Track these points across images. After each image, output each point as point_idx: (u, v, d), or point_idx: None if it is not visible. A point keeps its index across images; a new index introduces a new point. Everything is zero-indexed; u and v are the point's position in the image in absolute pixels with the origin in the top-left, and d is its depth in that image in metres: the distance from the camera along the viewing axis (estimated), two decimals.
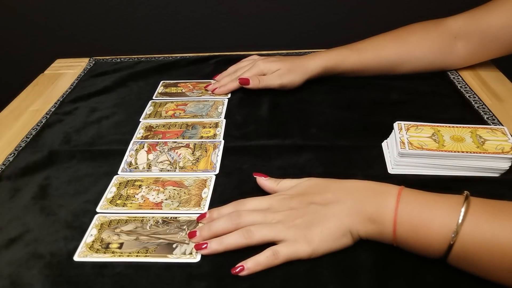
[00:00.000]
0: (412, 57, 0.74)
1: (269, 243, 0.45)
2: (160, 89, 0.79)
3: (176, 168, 0.58)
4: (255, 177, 0.53)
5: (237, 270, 0.43)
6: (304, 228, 0.44)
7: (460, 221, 0.38)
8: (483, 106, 0.67)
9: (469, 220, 0.38)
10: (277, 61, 0.75)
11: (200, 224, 0.49)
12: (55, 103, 0.77)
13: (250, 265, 0.43)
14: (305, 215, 0.45)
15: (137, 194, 0.54)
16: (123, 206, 0.53)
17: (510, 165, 0.52)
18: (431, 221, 0.40)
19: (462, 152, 0.52)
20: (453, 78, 0.76)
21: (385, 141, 0.60)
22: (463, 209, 0.39)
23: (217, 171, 0.57)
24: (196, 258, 0.45)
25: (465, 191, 0.41)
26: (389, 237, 0.43)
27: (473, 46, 0.72)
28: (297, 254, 0.43)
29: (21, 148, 0.65)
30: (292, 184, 0.50)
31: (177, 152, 0.61)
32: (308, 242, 0.43)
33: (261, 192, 0.53)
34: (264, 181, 0.52)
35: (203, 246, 0.45)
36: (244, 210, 0.48)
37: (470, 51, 0.73)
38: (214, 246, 0.45)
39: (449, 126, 0.57)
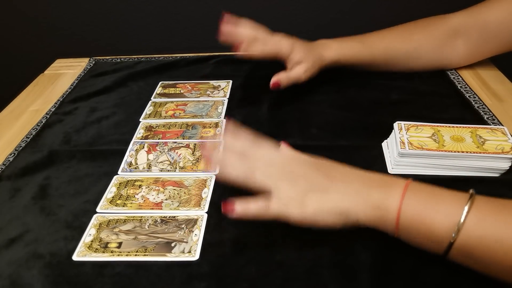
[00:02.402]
0: (417, 55, 0.74)
1: (265, 192, 0.44)
2: (158, 90, 0.79)
3: (176, 168, 0.58)
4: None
5: (227, 209, 0.44)
6: (303, 191, 0.43)
7: (464, 216, 0.38)
8: (483, 106, 0.67)
9: (473, 216, 0.38)
10: (299, 51, 0.69)
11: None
12: (55, 103, 0.77)
13: (240, 209, 0.44)
14: (309, 181, 0.44)
15: (137, 194, 0.54)
16: (123, 206, 0.53)
17: (510, 165, 0.52)
18: (436, 212, 0.40)
19: (462, 152, 0.52)
20: (453, 78, 0.76)
21: (385, 141, 0.60)
22: (467, 205, 0.39)
23: (217, 171, 0.57)
24: (195, 256, 0.45)
25: (471, 190, 0.41)
26: (391, 225, 0.42)
27: (472, 43, 0.72)
28: (287, 214, 0.43)
29: (21, 148, 0.65)
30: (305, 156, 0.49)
31: (177, 152, 0.61)
32: (302, 206, 0.43)
33: None
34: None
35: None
36: (256, 155, 0.47)
37: (470, 48, 0.73)
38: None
39: (449, 126, 0.57)
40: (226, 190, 0.54)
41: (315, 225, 0.43)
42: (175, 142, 0.64)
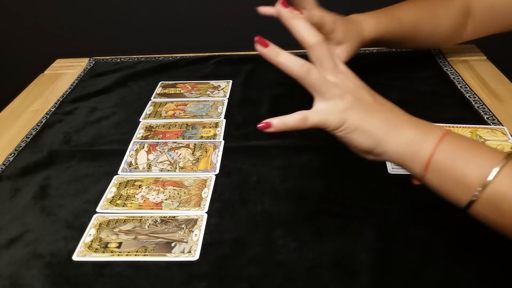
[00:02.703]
0: (437, 32, 0.73)
1: (311, 93, 0.44)
2: (158, 90, 0.79)
3: (176, 168, 0.58)
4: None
5: (262, 125, 0.43)
6: (348, 104, 0.42)
7: (499, 166, 0.37)
8: (483, 106, 0.67)
9: (508, 169, 0.37)
10: (341, 31, 0.65)
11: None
12: (55, 103, 0.77)
13: (277, 123, 0.43)
14: (357, 98, 0.43)
15: (137, 194, 0.54)
16: (123, 206, 0.53)
17: None
18: (470, 160, 0.39)
19: None
20: (453, 78, 0.76)
21: None
22: (505, 159, 0.37)
23: (217, 171, 0.57)
24: (195, 256, 0.45)
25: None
26: (420, 165, 0.41)
27: (478, 21, 0.72)
28: (326, 124, 0.42)
29: (21, 148, 0.65)
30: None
31: (177, 152, 0.61)
32: (342, 118, 0.42)
33: (264, 191, 0.53)
34: None
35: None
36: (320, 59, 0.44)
37: (475, 26, 0.73)
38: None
39: (449, 126, 0.57)
40: (226, 190, 0.54)
41: (346, 139, 0.43)
42: (175, 142, 0.64)
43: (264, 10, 0.64)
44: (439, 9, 0.72)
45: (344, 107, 0.42)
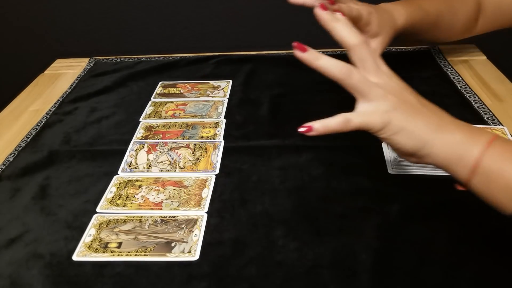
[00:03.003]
0: (453, 25, 0.72)
1: (353, 94, 0.43)
2: (158, 90, 0.79)
3: (176, 168, 0.58)
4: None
5: (304, 129, 0.42)
6: (391, 105, 0.41)
7: None
8: (483, 106, 0.67)
9: None
10: (375, 23, 0.63)
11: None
12: (55, 103, 0.77)
13: (319, 126, 0.42)
14: (401, 99, 0.42)
15: (137, 194, 0.54)
16: (123, 206, 0.53)
17: None
18: None
19: None
20: (453, 78, 0.76)
21: None
22: None
23: (217, 171, 0.57)
24: (195, 256, 0.45)
25: None
26: (466, 169, 0.39)
27: (488, 16, 0.72)
28: (369, 126, 0.41)
29: (21, 148, 0.65)
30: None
31: (177, 152, 0.61)
32: (386, 119, 0.41)
33: (264, 191, 0.53)
34: None
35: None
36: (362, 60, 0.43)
37: (485, 20, 0.73)
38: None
39: None
40: (226, 190, 0.54)
41: (389, 141, 0.42)
42: (175, 142, 0.64)
43: (296, 0, 0.63)
44: (457, 2, 0.71)
45: (387, 108, 0.41)
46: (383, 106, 0.41)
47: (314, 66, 0.42)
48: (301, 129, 0.42)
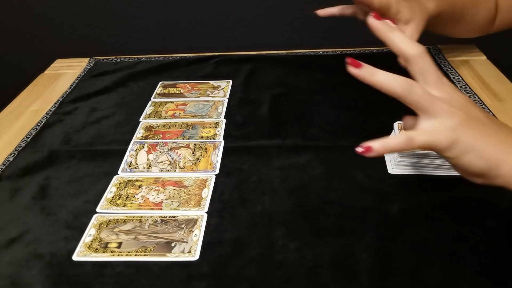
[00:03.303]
0: (476, 19, 0.71)
1: (416, 111, 0.39)
2: (158, 90, 0.79)
3: (176, 168, 0.59)
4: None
5: (362, 150, 0.39)
6: (459, 121, 0.37)
7: None
8: (483, 106, 0.67)
9: None
10: (406, 10, 0.61)
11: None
12: (55, 103, 0.77)
13: (379, 146, 0.38)
14: (469, 114, 0.38)
15: (137, 194, 0.54)
16: (123, 206, 0.53)
17: None
18: None
19: None
20: (453, 78, 0.76)
21: None
22: None
23: (217, 171, 0.57)
24: (195, 256, 0.45)
25: None
26: None
27: (502, 15, 0.72)
28: (435, 144, 0.38)
29: (21, 148, 0.65)
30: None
31: (177, 152, 0.62)
32: (452, 137, 0.37)
33: (264, 191, 0.53)
34: None
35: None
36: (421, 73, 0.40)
37: (500, 19, 0.72)
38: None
39: None
40: (226, 190, 0.54)
41: (456, 162, 0.38)
42: (175, 142, 0.64)
43: (324, 12, 0.61)
44: None
45: (454, 125, 0.37)
46: (450, 122, 0.37)
47: (370, 83, 0.39)
48: (359, 149, 0.39)
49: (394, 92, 0.38)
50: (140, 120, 0.70)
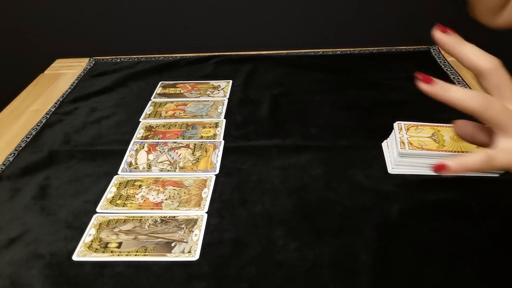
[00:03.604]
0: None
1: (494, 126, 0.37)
2: (158, 90, 0.79)
3: (176, 168, 0.58)
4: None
5: (437, 168, 0.36)
6: None
7: None
8: None
9: None
10: None
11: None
12: (55, 103, 0.77)
13: (455, 166, 0.36)
14: None
15: (137, 194, 0.54)
16: (123, 206, 0.53)
17: None
18: None
19: (462, 152, 0.52)
20: (453, 78, 0.76)
21: (385, 141, 0.60)
22: None
23: (217, 171, 0.57)
24: (195, 256, 0.45)
25: None
26: None
27: (508, 12, 0.72)
28: None
29: (21, 148, 0.65)
30: None
31: (177, 152, 0.62)
32: None
33: (264, 191, 0.53)
34: None
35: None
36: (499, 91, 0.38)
37: (506, 15, 0.72)
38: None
39: (449, 126, 0.57)
40: (226, 190, 0.54)
41: None
42: (175, 142, 0.64)
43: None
44: None
45: None
46: None
47: (444, 100, 0.37)
48: (435, 168, 0.36)
49: (472, 109, 0.36)
50: (140, 120, 0.70)
